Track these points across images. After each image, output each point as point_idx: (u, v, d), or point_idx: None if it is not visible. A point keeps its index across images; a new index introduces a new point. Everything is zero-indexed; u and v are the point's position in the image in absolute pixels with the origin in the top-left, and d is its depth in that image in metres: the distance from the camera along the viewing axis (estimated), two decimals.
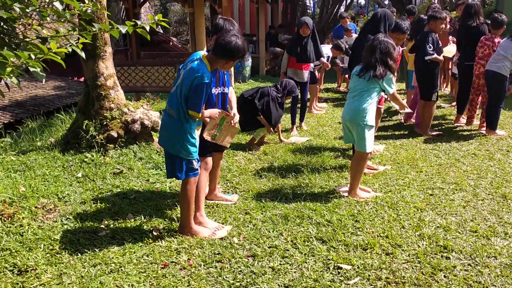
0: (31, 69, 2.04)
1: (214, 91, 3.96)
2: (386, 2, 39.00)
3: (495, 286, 3.05)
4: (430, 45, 6.48)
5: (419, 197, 4.53)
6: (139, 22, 2.51)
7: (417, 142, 6.55)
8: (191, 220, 3.77)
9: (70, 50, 2.22)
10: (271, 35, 15.66)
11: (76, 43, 2.38)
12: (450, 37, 8.51)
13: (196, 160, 3.65)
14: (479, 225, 3.92)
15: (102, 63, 5.76)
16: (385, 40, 4.38)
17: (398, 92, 10.10)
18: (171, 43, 22.05)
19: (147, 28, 2.53)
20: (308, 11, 28.25)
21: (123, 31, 2.44)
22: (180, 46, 23.12)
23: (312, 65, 7.88)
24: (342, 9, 29.56)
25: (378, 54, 4.31)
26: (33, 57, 2.01)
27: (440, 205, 4.34)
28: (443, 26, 6.74)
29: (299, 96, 7.12)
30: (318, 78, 8.60)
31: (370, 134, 4.42)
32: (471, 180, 4.96)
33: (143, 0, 11.83)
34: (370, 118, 4.38)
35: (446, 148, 6.20)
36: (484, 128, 6.89)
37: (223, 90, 4.05)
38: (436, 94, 6.79)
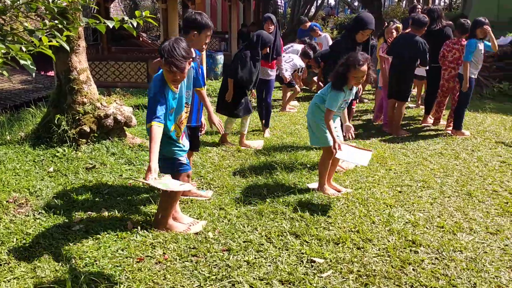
0: (22, 62, 2.03)
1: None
2: (356, 4, 39.59)
3: (461, 278, 3.19)
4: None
5: (389, 194, 4.67)
6: (126, 18, 2.52)
7: (386, 141, 6.71)
8: (170, 216, 3.78)
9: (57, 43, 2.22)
10: (243, 33, 15.71)
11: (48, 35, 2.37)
12: None
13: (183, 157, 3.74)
14: (445, 221, 4.08)
15: (75, 57, 5.70)
16: (350, 54, 4.36)
17: (366, 92, 10.35)
18: (141, 39, 21.81)
19: (134, 24, 2.54)
20: (279, 10, 28.38)
21: (111, 26, 2.44)
22: (150, 41, 22.90)
23: (286, 73, 7.99)
24: (313, 9, 29.90)
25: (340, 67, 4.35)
26: (24, 49, 2.00)
27: (409, 202, 4.48)
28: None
29: (263, 97, 6.96)
30: (293, 82, 8.58)
31: (319, 131, 4.57)
32: (438, 178, 5.13)
33: None
34: (319, 118, 4.52)
35: (414, 147, 6.38)
36: (450, 129, 7.12)
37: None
38: (410, 95, 7.01)
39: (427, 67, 7.01)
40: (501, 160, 5.78)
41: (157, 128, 3.22)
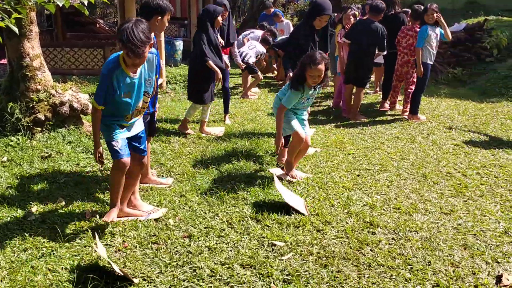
0: None
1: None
2: None
3: (416, 257, 3.29)
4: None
5: (347, 178, 4.75)
6: None
7: (345, 126, 6.82)
8: (118, 203, 3.63)
9: (4, 26, 2.13)
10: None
11: None
12: None
13: (118, 141, 3.48)
14: (402, 202, 4.19)
15: (27, 42, 5.50)
16: (308, 54, 4.42)
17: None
18: (97, 25, 21.26)
19: (85, 3, 2.47)
20: None
21: (60, 5, 2.37)
22: (107, 28, 22.36)
23: (250, 60, 7.96)
24: None
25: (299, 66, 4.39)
26: None
27: (367, 185, 4.58)
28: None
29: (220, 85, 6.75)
30: (256, 68, 8.56)
31: (284, 121, 4.56)
32: (394, 162, 5.26)
33: None
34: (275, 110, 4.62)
35: (371, 132, 6.51)
36: (407, 113, 7.29)
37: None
38: (369, 81, 7.11)
39: (385, 52, 7.14)
40: (454, 143, 5.97)
41: (96, 110, 3.35)
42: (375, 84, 9.40)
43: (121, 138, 3.48)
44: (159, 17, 3.95)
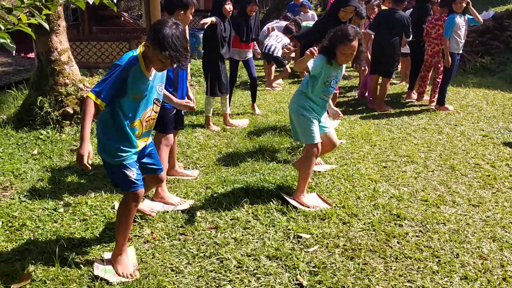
0: (1, 41, 2.00)
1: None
2: None
3: (444, 250, 3.26)
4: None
5: (374, 170, 4.72)
6: None
7: (371, 117, 6.76)
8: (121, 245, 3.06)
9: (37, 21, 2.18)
10: None
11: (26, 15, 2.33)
12: None
13: (130, 169, 2.94)
14: (429, 194, 4.14)
15: (55, 37, 5.60)
16: (340, 28, 3.81)
17: (349, 69, 10.34)
18: (122, 18, 21.47)
19: (115, 0, 2.50)
20: None
21: (91, 3, 2.41)
22: (131, 21, 22.57)
23: (278, 53, 7.95)
24: None
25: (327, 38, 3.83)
26: (2, 28, 1.97)
27: (393, 177, 4.54)
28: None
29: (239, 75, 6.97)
30: (284, 61, 8.53)
31: (305, 125, 3.90)
32: (422, 153, 5.20)
33: None
34: (296, 104, 3.95)
35: (398, 123, 6.44)
36: (434, 104, 7.18)
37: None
38: (395, 71, 7.04)
39: (410, 38, 7.05)
40: (483, 134, 5.87)
41: (91, 102, 2.70)
42: (401, 74, 9.28)
43: (134, 161, 2.99)
44: (182, 12, 3.96)
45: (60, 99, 5.62)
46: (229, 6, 5.77)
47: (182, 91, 4.10)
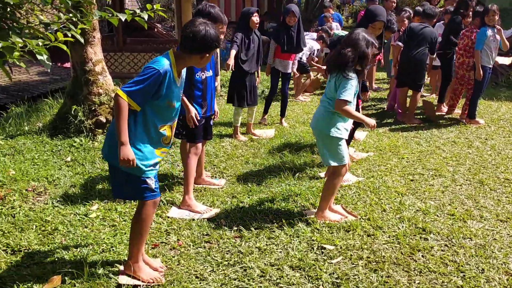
0: (38, 57, 2.12)
1: (201, 75, 4.02)
2: None
3: (469, 265, 3.23)
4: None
5: (400, 182, 4.70)
6: (138, 11, 2.60)
7: (399, 130, 6.72)
8: (139, 255, 3.06)
9: (70, 35, 2.31)
10: None
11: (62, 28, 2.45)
12: None
13: (150, 178, 2.90)
14: (456, 208, 4.10)
15: (90, 48, 5.81)
16: (361, 35, 3.64)
17: (379, 81, 10.29)
18: (155, 30, 21.94)
19: (145, 17, 2.61)
20: None
21: (123, 19, 2.52)
22: (164, 32, 23.03)
23: (303, 57, 7.95)
24: None
25: (350, 50, 3.60)
26: (40, 44, 2.09)
27: (420, 190, 4.51)
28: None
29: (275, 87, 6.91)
30: (309, 68, 8.55)
31: (335, 146, 3.75)
32: (450, 167, 5.14)
33: None
34: (334, 128, 3.71)
35: (427, 135, 6.39)
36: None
37: (210, 73, 4.12)
38: (423, 84, 7.01)
39: (434, 56, 7.04)
40: None
41: (125, 104, 2.64)
42: (432, 87, 9.20)
43: (155, 172, 2.96)
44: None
45: (93, 108, 5.80)
46: (256, 18, 5.86)
47: (210, 102, 4.19)
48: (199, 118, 3.96)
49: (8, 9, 2.10)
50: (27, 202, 4.14)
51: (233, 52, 5.78)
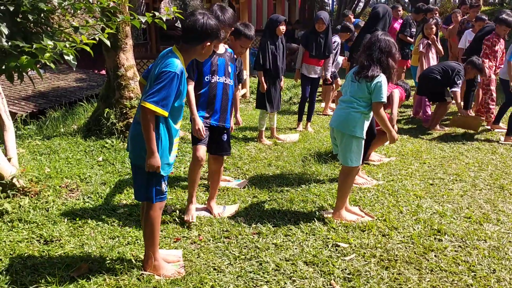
0: (66, 57, 2.35)
1: (211, 78, 3.87)
2: (406, 0, 38.79)
3: (481, 265, 3.29)
4: None
5: (420, 186, 4.76)
6: (157, 14, 2.80)
7: (423, 136, 6.75)
8: (156, 254, 3.19)
9: (97, 39, 2.52)
10: (287, 31, 15.85)
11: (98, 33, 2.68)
12: None
13: (164, 181, 3.05)
14: (473, 212, 4.15)
15: (123, 54, 6.09)
16: (385, 38, 3.80)
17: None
18: None
19: (164, 19, 2.81)
20: (326, 7, 28.35)
21: (143, 21, 2.72)
22: None
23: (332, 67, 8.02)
24: (361, 5, 29.63)
25: (376, 53, 3.74)
26: (67, 46, 2.31)
27: (439, 194, 4.57)
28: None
29: (306, 94, 7.05)
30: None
31: (357, 147, 3.87)
32: (471, 172, 5.17)
33: None
34: (359, 129, 3.84)
35: (451, 142, 6.40)
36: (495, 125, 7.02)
37: (225, 80, 3.95)
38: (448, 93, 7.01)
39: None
40: None
41: (153, 114, 2.75)
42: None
43: (169, 171, 3.09)
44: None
45: (124, 111, 6.08)
46: (282, 28, 6.14)
47: (221, 111, 4.00)
48: (199, 134, 3.82)
49: (42, 15, 2.33)
50: (60, 197, 4.40)
51: (259, 75, 6.16)
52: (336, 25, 21.27)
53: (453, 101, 6.92)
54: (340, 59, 8.55)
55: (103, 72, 17.24)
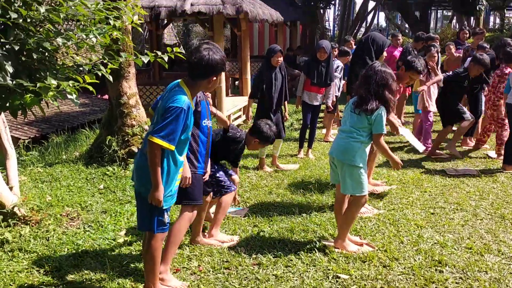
0: (69, 96, 2.40)
1: (207, 123, 3.64)
2: (407, 26, 39.26)
3: None
4: None
5: (421, 215, 4.76)
6: (159, 53, 2.87)
7: (424, 163, 6.76)
8: (157, 285, 3.22)
9: (100, 75, 2.58)
10: (289, 57, 16.03)
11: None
12: None
13: (167, 212, 3.09)
14: (474, 242, 4.14)
15: (125, 83, 6.17)
16: (382, 69, 3.82)
17: (405, 114, 10.33)
18: None
19: (166, 59, 2.87)
20: (327, 33, 28.65)
21: (145, 61, 2.78)
22: None
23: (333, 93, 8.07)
24: (362, 30, 29.97)
25: (373, 86, 3.77)
26: (71, 85, 2.37)
27: (440, 223, 4.56)
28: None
29: (308, 122, 7.05)
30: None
31: (358, 176, 3.85)
32: (472, 201, 5.16)
33: (166, 22, 12.33)
34: (359, 158, 3.84)
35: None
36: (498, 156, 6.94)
37: (210, 123, 3.71)
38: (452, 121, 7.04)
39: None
40: None
41: (159, 149, 2.84)
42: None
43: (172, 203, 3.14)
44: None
45: (126, 138, 6.12)
46: (277, 59, 6.12)
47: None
48: (202, 176, 3.65)
49: (47, 54, 2.40)
50: (61, 226, 4.41)
51: (250, 102, 6.48)
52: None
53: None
54: (341, 83, 8.61)
55: (106, 96, 17.39)
